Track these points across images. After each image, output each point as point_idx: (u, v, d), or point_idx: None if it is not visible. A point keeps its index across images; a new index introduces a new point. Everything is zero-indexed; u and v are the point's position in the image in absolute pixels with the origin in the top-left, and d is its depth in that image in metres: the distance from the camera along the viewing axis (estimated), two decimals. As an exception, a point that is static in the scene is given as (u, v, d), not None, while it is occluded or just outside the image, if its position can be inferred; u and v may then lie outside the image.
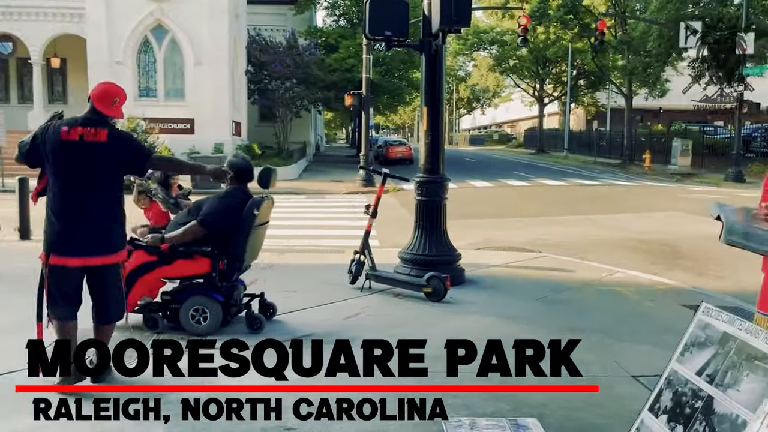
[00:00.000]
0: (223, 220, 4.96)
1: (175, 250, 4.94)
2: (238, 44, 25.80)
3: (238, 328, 5.12)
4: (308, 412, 3.59)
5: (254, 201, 5.04)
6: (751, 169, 23.98)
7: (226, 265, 4.97)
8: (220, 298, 4.98)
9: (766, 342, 2.19)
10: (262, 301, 5.50)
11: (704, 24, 23.68)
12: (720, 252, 9.08)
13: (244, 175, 5.26)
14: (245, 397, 3.74)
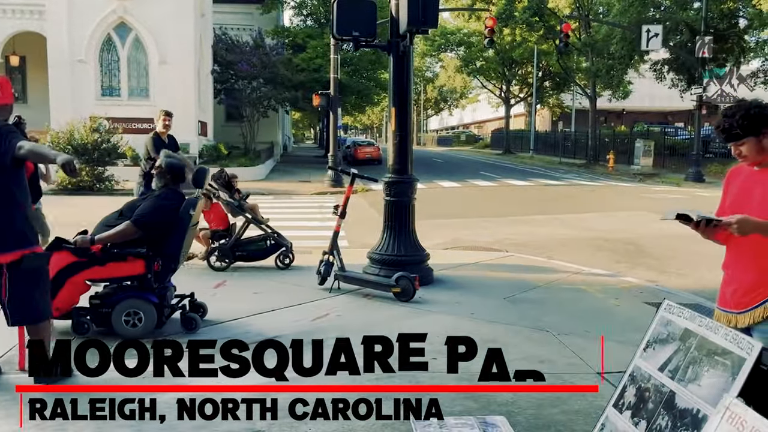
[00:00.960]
0: (157, 220, 4.86)
1: (108, 252, 4.82)
2: (203, 43, 25.49)
3: (172, 330, 5.04)
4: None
5: (190, 201, 4.97)
6: (710, 170, 24.63)
7: (161, 266, 4.87)
8: (155, 299, 4.88)
9: (726, 338, 2.25)
10: (192, 301, 5.42)
11: (665, 27, 24.25)
12: (682, 250, 9.32)
13: (177, 175, 5.19)
14: (219, 398, 3.70)
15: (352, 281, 6.58)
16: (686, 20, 25.52)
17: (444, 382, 4.10)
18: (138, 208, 5.02)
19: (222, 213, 8.08)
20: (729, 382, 2.12)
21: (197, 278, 7.13)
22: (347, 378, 4.13)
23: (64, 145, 17.60)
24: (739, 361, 2.13)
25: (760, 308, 2.74)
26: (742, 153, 2.79)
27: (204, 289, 6.55)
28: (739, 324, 2.79)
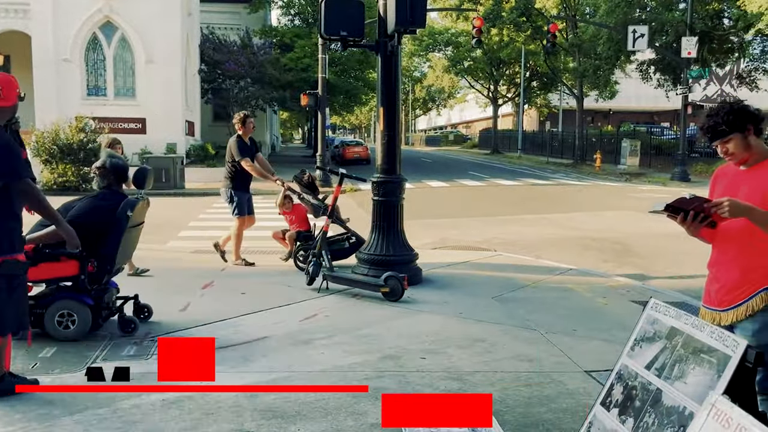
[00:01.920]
0: (92, 220, 4.77)
1: (40, 252, 4.70)
2: (190, 43, 25.37)
3: (110, 332, 4.99)
4: (265, 413, 3.55)
5: (128, 202, 4.90)
6: (695, 169, 24.86)
7: (96, 268, 4.77)
8: (90, 301, 4.79)
9: (711, 336, 2.27)
10: (136, 303, 5.36)
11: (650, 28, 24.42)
12: (668, 249, 9.39)
13: (121, 176, 5.13)
14: (205, 398, 3.69)
15: (340, 281, 6.57)
16: (672, 21, 25.73)
17: (434, 381, 4.12)
18: (74, 208, 4.95)
19: (303, 214, 8.09)
20: (715, 379, 2.14)
21: (185, 279, 7.10)
22: (337, 377, 4.14)
23: (50, 145, 17.46)
24: (725, 359, 2.15)
25: (743, 306, 2.77)
26: (729, 150, 2.81)
27: (192, 290, 6.53)
28: (723, 321, 2.82)
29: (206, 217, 13.58)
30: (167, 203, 15.95)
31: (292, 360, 4.48)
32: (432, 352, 4.70)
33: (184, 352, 3.74)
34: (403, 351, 4.71)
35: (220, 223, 12.65)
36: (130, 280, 6.93)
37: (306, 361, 4.44)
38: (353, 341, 4.93)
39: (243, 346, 4.76)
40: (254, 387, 3.92)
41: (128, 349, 4.64)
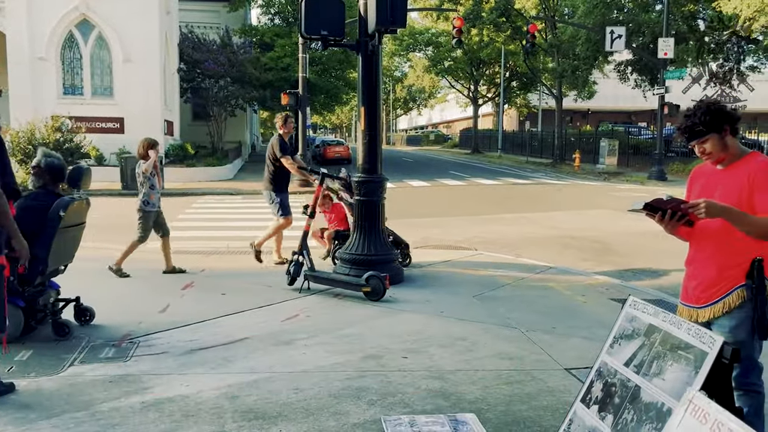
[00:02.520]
0: (23, 221, 4.67)
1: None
2: (169, 41, 25.11)
3: (88, 334, 4.94)
4: (246, 414, 3.53)
5: (60, 202, 4.80)
6: (672, 168, 25.21)
7: (27, 269, 4.58)
8: (21, 303, 4.68)
9: (689, 333, 2.30)
10: (77, 305, 5.25)
11: (628, 29, 24.70)
12: (646, 247, 9.51)
13: (56, 175, 5.01)
14: (185, 401, 3.65)
15: (322, 281, 6.56)
16: (648, 22, 26.05)
17: (415, 380, 4.12)
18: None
19: (342, 213, 8.19)
20: (692, 375, 2.17)
21: (164, 280, 7.04)
22: (318, 377, 4.13)
23: (25, 144, 17.17)
24: (702, 355, 2.19)
25: (720, 303, 2.82)
26: (706, 150, 2.85)
27: (171, 291, 6.47)
28: (701, 318, 2.86)
29: (186, 217, 13.45)
30: (146, 203, 15.79)
31: (273, 361, 4.45)
32: (414, 352, 4.71)
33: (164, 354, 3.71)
34: (385, 350, 4.71)
35: (200, 223, 12.57)
36: (107, 280, 6.85)
37: (287, 362, 4.43)
38: (335, 341, 4.92)
39: (223, 347, 4.73)
40: (235, 388, 3.89)
41: (106, 351, 4.59)
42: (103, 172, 19.57)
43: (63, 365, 4.26)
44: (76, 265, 5.37)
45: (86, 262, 7.78)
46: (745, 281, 2.76)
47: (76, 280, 5.50)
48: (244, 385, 3.98)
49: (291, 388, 3.94)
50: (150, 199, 7.29)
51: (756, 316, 2.75)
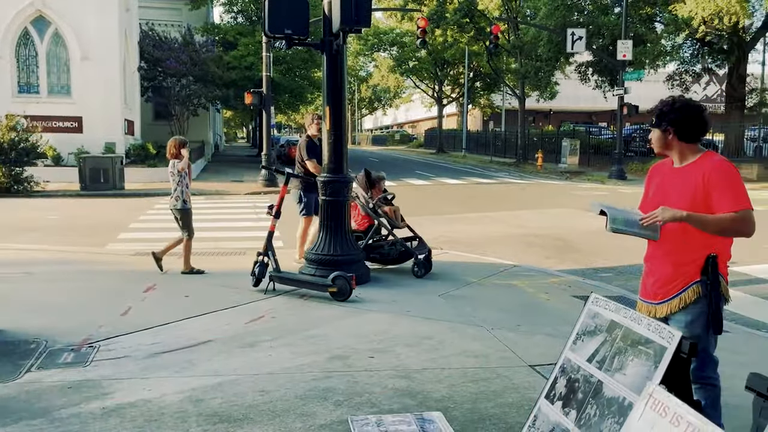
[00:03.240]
0: None
1: None
2: (129, 39, 24.61)
3: (45, 339, 4.81)
4: (210, 417, 3.48)
5: None
6: (631, 167, 25.79)
7: None
8: None
9: (648, 328, 2.35)
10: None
11: (588, 31, 25.17)
12: (607, 245, 9.69)
13: None
14: (148, 405, 3.58)
15: (287, 282, 6.51)
16: (607, 24, 26.58)
17: (382, 380, 4.12)
18: None
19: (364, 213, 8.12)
20: (652, 370, 2.22)
21: (125, 282, 6.89)
22: (284, 379, 4.09)
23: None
24: (661, 350, 2.24)
25: (676, 299, 2.90)
26: (651, 140, 3.00)
27: (133, 293, 6.34)
28: (658, 314, 2.94)
29: (147, 218, 13.20)
30: (106, 204, 15.44)
31: (238, 363, 4.40)
32: (380, 351, 4.71)
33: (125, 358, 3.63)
34: (352, 351, 4.70)
35: (163, 224, 12.33)
36: (66, 283, 6.68)
37: (253, 364, 4.38)
38: (301, 342, 4.89)
39: (187, 350, 4.65)
40: (200, 390, 3.84)
41: (65, 356, 4.47)
42: (60, 173, 19.08)
43: (19, 371, 4.13)
44: (34, 268, 5.22)
45: (39, 266, 7.58)
46: (700, 277, 2.84)
47: (34, 283, 5.34)
48: (209, 388, 3.93)
49: (256, 390, 3.90)
50: (187, 197, 7.55)
51: (710, 312, 2.83)
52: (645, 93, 30.27)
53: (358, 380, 4.10)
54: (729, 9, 21.27)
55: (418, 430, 3.34)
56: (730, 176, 2.80)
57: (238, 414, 3.55)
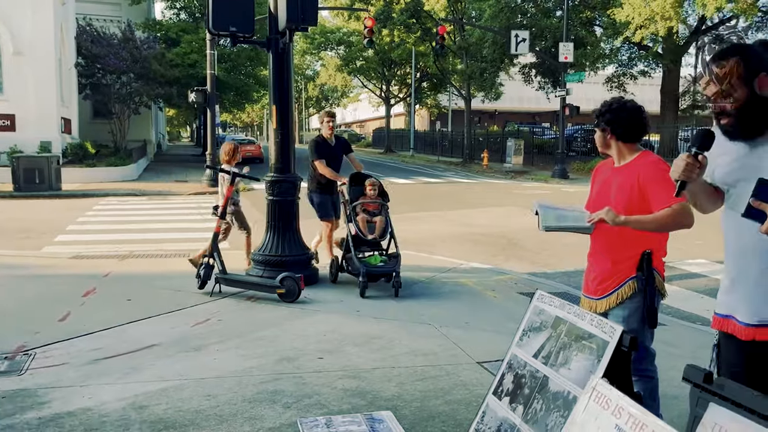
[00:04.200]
0: None
1: None
2: (65, 34, 23.69)
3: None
4: (157, 423, 3.39)
5: None
6: (573, 167, 26.52)
7: None
8: None
9: (591, 323, 2.42)
10: None
11: (531, 33, 25.73)
12: (551, 243, 9.93)
13: None
14: (89, 413, 3.46)
15: (234, 284, 6.40)
16: (549, 27, 27.24)
17: (331, 380, 4.10)
18: None
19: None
20: (595, 364, 2.28)
21: (63, 286, 6.63)
22: (232, 383, 4.02)
23: None
24: (603, 344, 2.30)
25: (614, 295, 3.00)
26: (595, 140, 3.11)
27: (71, 298, 6.11)
28: (599, 309, 3.02)
29: (86, 220, 12.75)
30: (42, 206, 14.85)
31: (183, 367, 4.30)
32: (329, 352, 4.69)
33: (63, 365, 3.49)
34: (300, 352, 4.66)
35: (103, 226, 11.94)
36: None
37: (199, 368, 4.29)
38: (248, 345, 4.82)
39: (129, 356, 4.52)
40: (145, 396, 3.73)
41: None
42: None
43: (-52, 382, 3.92)
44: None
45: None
46: (636, 273, 2.94)
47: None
48: (153, 394, 3.82)
49: (203, 395, 3.82)
50: (238, 198, 7.52)
51: (646, 306, 2.94)
52: (586, 94, 31.27)
53: (307, 381, 4.07)
54: (664, 14, 22.12)
55: (368, 429, 3.33)
56: (664, 173, 2.90)
57: (183, 420, 3.47)
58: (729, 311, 2.25)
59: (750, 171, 2.12)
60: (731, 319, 2.24)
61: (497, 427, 2.62)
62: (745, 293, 2.20)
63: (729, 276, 2.28)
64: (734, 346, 2.24)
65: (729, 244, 2.28)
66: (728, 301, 2.26)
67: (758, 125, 2.12)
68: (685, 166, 2.16)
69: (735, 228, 2.22)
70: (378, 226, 6.89)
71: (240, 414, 3.56)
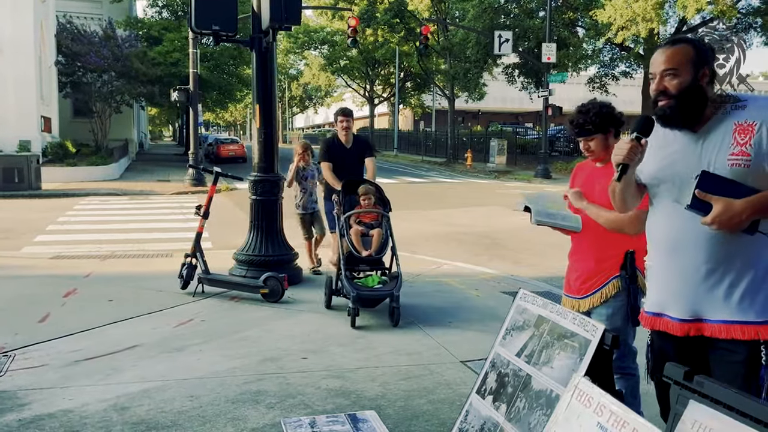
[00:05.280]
0: None
1: None
2: (45, 32, 23.38)
3: None
4: (137, 425, 3.36)
5: None
6: (556, 167, 26.71)
7: None
8: None
9: (574, 322, 2.44)
10: None
11: (514, 34, 25.87)
12: (534, 242, 9.99)
13: None
14: (68, 415, 3.42)
15: (217, 284, 6.36)
16: (533, 28, 27.40)
17: (315, 380, 4.09)
18: None
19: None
20: (577, 362, 2.30)
21: (43, 287, 6.54)
22: (215, 383, 4.00)
23: None
24: (586, 343, 2.32)
25: (598, 294, 3.02)
26: (591, 148, 3.06)
27: (51, 299, 6.03)
28: (582, 308, 3.05)
29: (67, 220, 12.59)
30: (21, 205, 14.64)
31: (166, 368, 4.26)
32: (313, 352, 4.68)
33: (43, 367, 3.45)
34: (284, 352, 4.64)
35: (84, 226, 11.81)
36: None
37: (181, 369, 4.25)
38: (231, 345, 4.79)
39: (111, 357, 4.47)
40: (125, 398, 3.69)
41: (-24, 367, 4.20)
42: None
43: (-76, 385, 3.86)
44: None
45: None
46: (619, 272, 2.97)
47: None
48: (135, 395, 3.79)
49: (185, 395, 3.79)
50: (302, 202, 7.47)
51: (629, 305, 2.97)
52: (568, 95, 31.46)
53: (291, 382, 4.06)
54: (645, 15, 22.35)
55: (351, 429, 3.33)
56: None
57: (166, 421, 3.44)
58: (660, 309, 2.29)
59: (688, 163, 2.17)
60: (664, 317, 2.28)
61: (481, 425, 2.63)
62: (679, 288, 2.22)
63: (659, 273, 2.30)
64: (669, 344, 2.28)
65: (658, 241, 2.30)
66: (659, 299, 2.30)
67: (694, 113, 2.17)
68: (630, 148, 2.20)
69: (666, 223, 2.25)
70: (375, 240, 5.91)
71: (223, 414, 3.54)
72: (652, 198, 2.36)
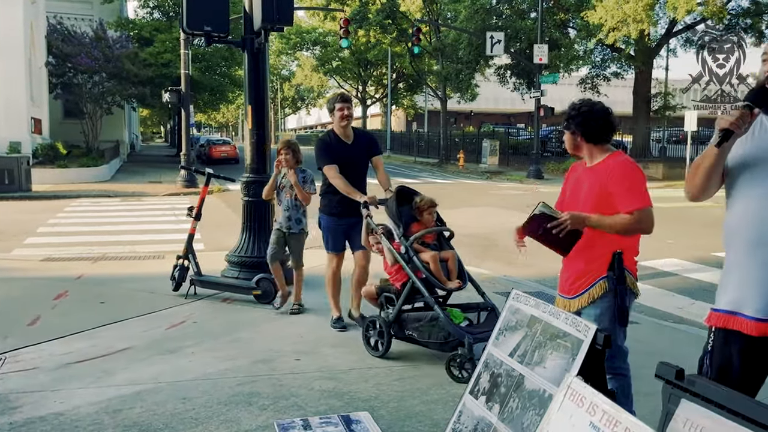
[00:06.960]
0: None
1: None
2: (35, 32, 23.23)
3: None
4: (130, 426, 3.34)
5: None
6: (548, 167, 26.78)
7: None
8: None
9: (566, 322, 2.44)
10: None
11: (506, 35, 25.93)
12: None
13: None
14: (60, 418, 3.39)
15: (209, 285, 6.34)
16: (524, 29, 27.48)
17: (308, 381, 4.09)
18: None
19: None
20: (570, 362, 2.31)
21: (34, 289, 6.50)
22: (207, 385, 3.98)
23: None
24: (578, 343, 2.33)
25: (585, 294, 3.04)
26: (565, 142, 3.15)
27: (42, 301, 5.99)
28: (572, 308, 3.06)
29: (57, 222, 12.52)
30: (11, 207, 14.54)
31: (158, 370, 4.25)
32: (306, 353, 4.67)
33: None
34: (277, 354, 4.63)
35: (75, 228, 11.74)
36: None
37: (174, 371, 4.24)
38: (224, 347, 4.78)
39: (103, 359, 4.45)
40: (118, 399, 3.67)
41: (-34, 370, 4.17)
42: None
43: None
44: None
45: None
46: (607, 273, 2.99)
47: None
48: (127, 397, 3.77)
49: (178, 398, 3.78)
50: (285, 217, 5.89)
51: (616, 305, 2.98)
52: (560, 95, 31.52)
53: (283, 383, 4.05)
54: (635, 16, 22.45)
55: (345, 430, 3.33)
56: (630, 176, 2.95)
57: (158, 423, 3.43)
58: (735, 307, 2.18)
59: None
60: (738, 315, 2.17)
61: (474, 426, 2.63)
62: (760, 284, 2.09)
63: (737, 268, 2.18)
64: (737, 345, 2.16)
65: (739, 233, 2.17)
66: (735, 296, 2.18)
67: None
68: (740, 116, 2.07)
69: (753, 213, 2.11)
70: (452, 266, 4.89)
71: (216, 416, 3.53)
72: (731, 189, 2.22)
